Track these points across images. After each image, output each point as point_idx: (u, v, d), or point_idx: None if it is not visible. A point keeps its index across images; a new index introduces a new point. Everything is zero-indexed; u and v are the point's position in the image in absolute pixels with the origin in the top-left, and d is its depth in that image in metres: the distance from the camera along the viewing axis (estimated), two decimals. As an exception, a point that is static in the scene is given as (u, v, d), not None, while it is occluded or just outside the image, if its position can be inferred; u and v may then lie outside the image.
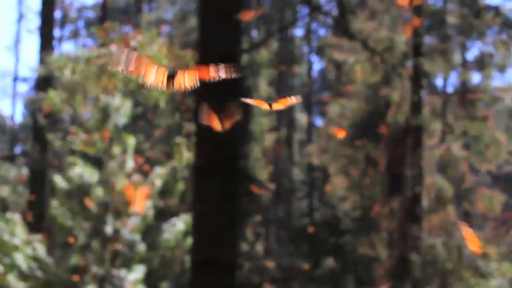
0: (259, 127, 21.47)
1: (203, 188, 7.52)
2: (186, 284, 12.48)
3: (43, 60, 15.72)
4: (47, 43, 19.32)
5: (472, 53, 39.05)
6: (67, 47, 38.75)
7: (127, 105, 11.79)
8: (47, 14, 19.77)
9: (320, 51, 29.12)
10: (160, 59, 8.63)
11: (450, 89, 20.05)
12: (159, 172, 11.99)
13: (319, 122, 31.65)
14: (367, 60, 16.85)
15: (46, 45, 19.08)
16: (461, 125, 17.16)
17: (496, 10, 16.81)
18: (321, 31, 31.14)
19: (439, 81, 22.68)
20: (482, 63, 18.73)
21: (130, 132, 12.66)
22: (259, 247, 22.10)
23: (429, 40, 17.55)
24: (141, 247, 11.45)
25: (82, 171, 11.45)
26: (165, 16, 28.47)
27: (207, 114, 2.49)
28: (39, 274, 10.99)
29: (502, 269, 16.45)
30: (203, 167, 7.48)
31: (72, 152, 12.29)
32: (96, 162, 11.66)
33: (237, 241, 8.11)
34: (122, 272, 11.13)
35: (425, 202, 16.60)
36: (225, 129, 2.45)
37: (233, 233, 7.53)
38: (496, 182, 26.01)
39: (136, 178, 11.55)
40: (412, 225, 15.65)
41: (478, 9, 16.82)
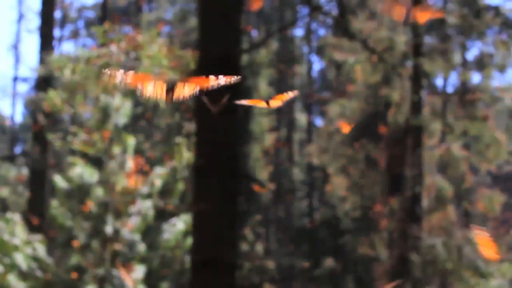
0: (259, 127, 21.47)
1: (203, 188, 7.52)
2: (186, 284, 12.48)
3: (43, 60, 15.72)
4: (47, 43, 19.32)
5: (472, 53, 39.04)
6: (67, 47, 38.77)
7: (127, 105, 11.80)
8: (47, 14, 19.77)
9: (320, 51, 29.12)
10: (160, 59, 8.63)
11: (450, 89, 20.05)
12: (159, 172, 11.99)
13: (319, 122, 31.66)
14: (367, 60, 16.85)
15: (46, 45, 19.08)
16: (461, 125, 17.16)
17: (496, 10, 16.81)
18: (321, 31, 31.14)
19: (439, 81, 22.66)
20: (482, 63, 18.73)
21: (130, 132, 12.67)
22: (259, 247, 22.10)
23: (429, 40, 17.54)
24: (141, 247, 11.46)
25: (82, 171, 11.45)
26: (165, 16, 28.47)
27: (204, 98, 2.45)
28: (39, 274, 10.99)
29: (502, 269, 16.44)
30: (203, 167, 7.48)
31: (72, 152, 12.29)
32: (96, 162, 11.66)
33: (237, 241, 8.11)
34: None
35: (425, 202, 16.59)
36: (218, 111, 2.40)
37: (233, 233, 7.53)
38: (496, 182, 26.01)
39: (136, 178, 11.56)
40: (412, 225, 15.65)
41: (478, 9, 16.82)
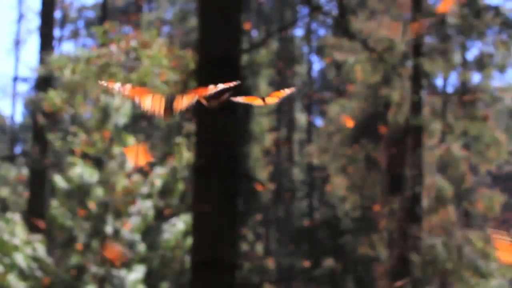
0: (259, 127, 21.47)
1: (203, 188, 7.52)
2: (186, 284, 12.48)
3: (43, 60, 15.71)
4: (47, 43, 19.32)
5: (472, 53, 39.06)
6: (67, 47, 38.77)
7: (127, 105, 11.80)
8: (47, 14, 19.76)
9: (320, 51, 29.12)
10: (160, 59, 8.62)
11: (450, 89, 20.04)
12: (159, 172, 11.99)
13: (319, 122, 31.66)
14: (367, 60, 16.84)
15: (46, 45, 19.07)
16: (461, 125, 17.16)
17: (496, 10, 16.80)
18: (321, 31, 31.14)
19: (439, 81, 22.68)
20: (482, 63, 18.72)
21: (130, 132, 12.67)
22: (259, 247, 22.09)
23: (429, 40, 17.54)
24: (141, 247, 11.46)
25: (82, 171, 11.45)
26: (165, 16, 28.48)
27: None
28: (39, 274, 10.99)
29: (502, 269, 16.44)
30: (203, 167, 7.48)
31: (72, 152, 12.28)
32: (96, 162, 11.67)
33: (237, 241, 8.11)
34: (122, 272, 11.13)
35: (425, 202, 16.59)
36: (215, 107, 2.31)
37: (233, 233, 7.53)
38: (496, 182, 26.01)
39: (136, 178, 11.56)
40: (412, 225, 15.64)
41: (478, 9, 16.81)
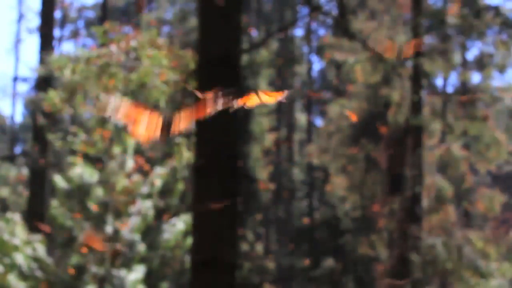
0: (259, 127, 21.47)
1: (203, 188, 7.52)
2: (186, 284, 12.48)
3: (43, 60, 15.71)
4: (47, 43, 19.32)
5: (472, 53, 39.02)
6: (67, 47, 38.75)
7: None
8: (47, 14, 19.77)
9: (320, 51, 29.11)
10: (160, 59, 8.62)
11: (450, 89, 20.04)
12: (159, 172, 11.99)
13: (319, 122, 31.66)
14: (367, 60, 16.84)
15: (46, 45, 19.07)
16: (461, 125, 17.16)
17: (496, 10, 16.80)
18: (321, 31, 31.14)
19: (439, 81, 22.67)
20: (482, 63, 18.72)
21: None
22: (259, 247, 22.09)
23: (429, 40, 17.54)
24: (141, 247, 11.46)
25: (82, 171, 11.46)
26: (165, 16, 28.48)
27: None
28: (39, 274, 10.99)
29: (502, 269, 16.44)
30: (203, 167, 7.48)
31: (72, 152, 12.29)
32: (96, 162, 11.67)
33: (237, 241, 8.10)
34: (122, 272, 11.13)
35: (425, 202, 16.59)
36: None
37: (233, 233, 7.53)
38: (496, 182, 26.01)
39: (136, 178, 11.56)
40: (412, 225, 15.65)
41: (478, 9, 16.81)
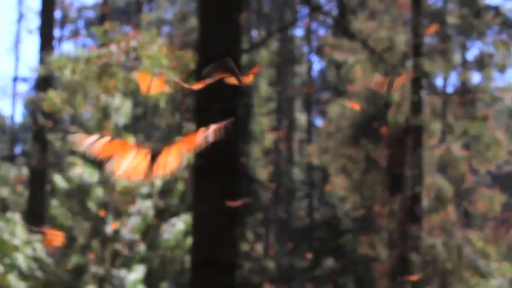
0: (259, 127, 21.47)
1: (203, 188, 7.52)
2: (186, 284, 12.48)
3: (43, 60, 15.71)
4: (47, 43, 19.32)
5: (472, 53, 39.04)
6: (67, 47, 38.76)
7: (127, 105, 11.80)
8: (47, 14, 19.76)
9: (320, 51, 29.10)
10: (160, 59, 8.62)
11: (450, 89, 20.03)
12: (159, 172, 11.97)
13: (319, 122, 31.64)
14: (367, 60, 16.84)
15: (46, 45, 19.07)
16: (461, 125, 17.16)
17: (496, 10, 16.80)
18: (321, 31, 31.12)
19: (439, 81, 22.67)
20: (482, 63, 18.71)
21: (130, 132, 12.66)
22: (259, 247, 22.09)
23: (429, 40, 17.54)
24: (141, 247, 11.46)
25: (82, 171, 11.45)
26: (165, 16, 28.46)
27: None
28: (39, 274, 10.99)
29: (502, 269, 16.44)
30: (203, 167, 7.48)
31: (72, 152, 12.29)
32: (96, 162, 11.66)
33: (237, 241, 8.10)
34: (122, 272, 11.12)
35: (425, 202, 16.59)
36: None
37: (233, 233, 7.53)
38: (496, 182, 26.00)
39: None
40: (412, 225, 15.64)
41: (478, 9, 16.81)
